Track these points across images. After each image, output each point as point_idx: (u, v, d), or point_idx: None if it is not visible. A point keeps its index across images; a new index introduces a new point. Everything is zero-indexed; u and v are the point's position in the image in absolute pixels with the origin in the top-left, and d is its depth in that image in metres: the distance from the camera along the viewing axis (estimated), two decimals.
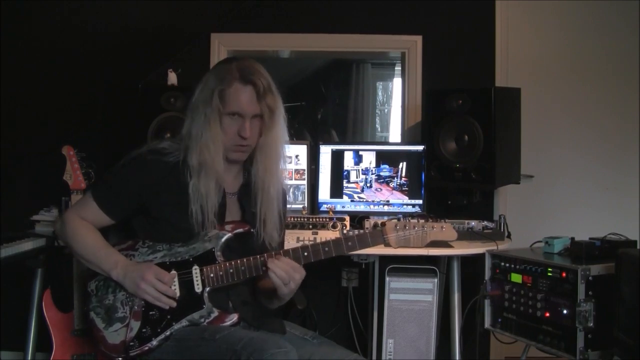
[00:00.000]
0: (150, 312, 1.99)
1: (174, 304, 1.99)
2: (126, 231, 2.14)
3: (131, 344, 1.97)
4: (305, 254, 2.02)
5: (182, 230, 2.02)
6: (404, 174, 3.26)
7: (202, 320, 1.99)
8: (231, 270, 2.00)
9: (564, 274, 2.43)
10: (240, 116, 2.00)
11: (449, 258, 3.03)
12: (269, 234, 2.11)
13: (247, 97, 1.98)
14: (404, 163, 3.26)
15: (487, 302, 2.76)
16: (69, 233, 2.09)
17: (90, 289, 2.06)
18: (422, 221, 2.10)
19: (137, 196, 2.05)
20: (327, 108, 5.38)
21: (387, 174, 3.27)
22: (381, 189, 3.27)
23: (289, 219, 2.82)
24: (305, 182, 3.25)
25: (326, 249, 2.04)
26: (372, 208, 3.27)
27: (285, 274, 1.96)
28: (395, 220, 2.09)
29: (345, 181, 3.28)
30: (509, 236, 3.09)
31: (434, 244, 2.16)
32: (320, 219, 2.94)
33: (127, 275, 1.99)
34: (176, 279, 2.01)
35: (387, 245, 2.08)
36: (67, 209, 2.21)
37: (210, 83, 2.01)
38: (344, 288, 3.58)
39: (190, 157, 2.01)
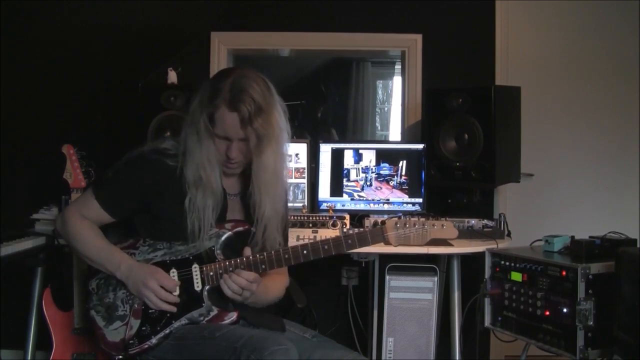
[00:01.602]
0: (150, 311, 2.00)
1: (174, 310, 1.99)
2: (126, 229, 2.14)
3: (131, 342, 1.98)
4: (305, 252, 2.03)
5: (184, 230, 2.03)
6: (404, 173, 3.26)
7: (202, 318, 1.99)
8: (231, 269, 2.01)
9: (564, 273, 2.43)
10: (228, 140, 2.00)
11: (449, 257, 3.03)
12: (270, 239, 2.11)
13: (232, 123, 1.96)
14: (404, 162, 3.26)
15: (487, 301, 2.76)
16: (70, 232, 2.09)
17: (92, 287, 2.07)
18: (422, 219, 2.10)
19: (140, 195, 2.05)
20: (327, 107, 5.37)
21: (387, 172, 3.27)
22: (381, 188, 3.27)
23: (289, 218, 2.82)
24: (305, 180, 3.25)
25: (326, 247, 2.04)
26: (372, 207, 3.27)
27: (238, 288, 1.98)
28: (396, 219, 2.09)
29: (345, 180, 3.28)
30: (509, 235, 3.08)
31: (434, 242, 2.16)
32: (320, 218, 2.94)
33: (130, 277, 2.00)
34: (178, 288, 2.01)
35: (387, 243, 2.08)
36: (67, 206, 2.21)
37: (202, 100, 1.99)
38: (343, 287, 3.58)
39: (186, 170, 2.02)
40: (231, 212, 2.12)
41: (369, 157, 3.27)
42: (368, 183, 3.27)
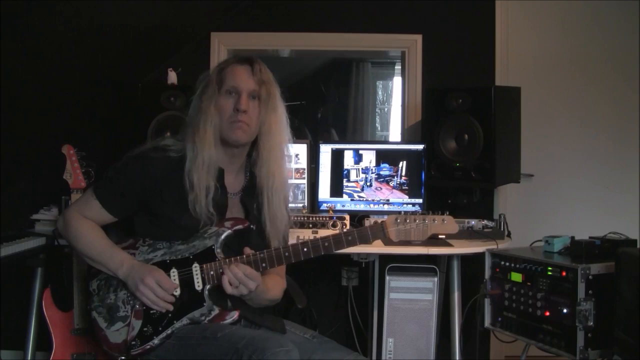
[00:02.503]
0: (151, 311, 1.99)
1: (171, 308, 1.99)
2: (126, 229, 2.14)
3: (133, 343, 1.98)
4: (305, 249, 2.03)
5: (183, 228, 2.03)
6: (404, 173, 3.26)
7: (203, 318, 1.99)
8: (231, 263, 2.00)
9: (564, 273, 2.43)
10: (236, 93, 2.02)
11: (449, 257, 3.02)
12: (275, 230, 2.12)
13: (243, 73, 2.03)
14: (404, 162, 3.26)
15: (487, 301, 2.76)
16: (72, 232, 2.09)
17: (92, 288, 2.07)
18: (423, 214, 2.09)
19: (140, 194, 2.05)
20: (327, 107, 5.36)
21: (387, 173, 3.27)
22: (381, 188, 3.27)
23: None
24: (305, 181, 3.25)
25: (326, 244, 2.03)
26: (372, 207, 3.26)
27: (235, 279, 1.96)
28: (396, 215, 2.07)
29: (345, 180, 3.27)
30: (509, 235, 3.09)
31: (434, 242, 2.15)
32: (320, 218, 2.94)
33: (129, 275, 2.00)
34: (178, 289, 2.01)
35: (387, 239, 2.07)
36: (68, 207, 2.21)
37: (207, 75, 2.09)
38: (344, 287, 3.58)
39: (188, 149, 2.03)
40: (230, 211, 2.12)
41: (369, 158, 3.27)
42: (368, 183, 3.27)
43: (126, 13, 2.90)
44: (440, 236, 2.65)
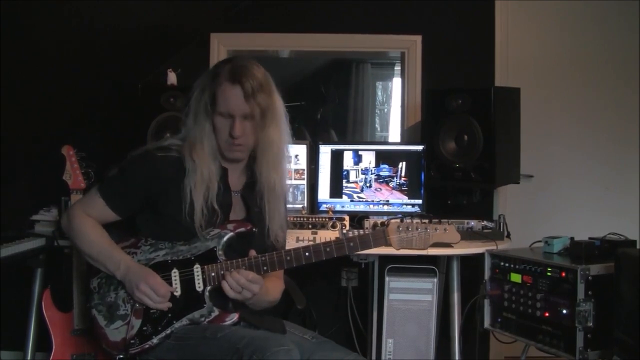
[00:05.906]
0: (151, 311, 2.00)
1: (166, 309, 2.00)
2: (128, 228, 2.14)
3: (132, 341, 1.98)
4: (307, 254, 2.03)
5: (186, 229, 2.03)
6: (403, 174, 3.26)
7: (203, 319, 1.99)
8: (232, 269, 2.01)
9: (563, 274, 2.43)
10: (230, 116, 2.01)
11: (449, 258, 3.03)
12: (274, 232, 2.13)
13: (234, 97, 1.99)
14: (404, 163, 3.26)
15: (486, 302, 2.76)
16: (74, 229, 2.10)
17: (93, 286, 2.07)
18: (425, 222, 2.10)
19: (144, 192, 2.06)
20: (327, 108, 5.37)
21: (386, 173, 3.27)
22: (381, 189, 3.27)
23: (288, 219, 2.82)
24: (304, 181, 3.25)
25: (328, 249, 2.04)
26: (372, 208, 3.27)
27: (238, 286, 1.97)
28: (398, 222, 2.08)
29: (344, 181, 3.28)
30: (508, 236, 3.09)
31: (435, 244, 2.15)
32: (320, 219, 2.94)
33: (126, 278, 2.01)
34: (178, 285, 2.01)
35: (389, 246, 2.08)
36: (73, 204, 2.22)
37: (202, 83, 2.05)
38: (343, 288, 3.58)
39: (186, 160, 2.04)
40: (234, 209, 2.13)
41: (368, 159, 3.28)
42: (368, 184, 3.27)
43: (126, 13, 2.91)
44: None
